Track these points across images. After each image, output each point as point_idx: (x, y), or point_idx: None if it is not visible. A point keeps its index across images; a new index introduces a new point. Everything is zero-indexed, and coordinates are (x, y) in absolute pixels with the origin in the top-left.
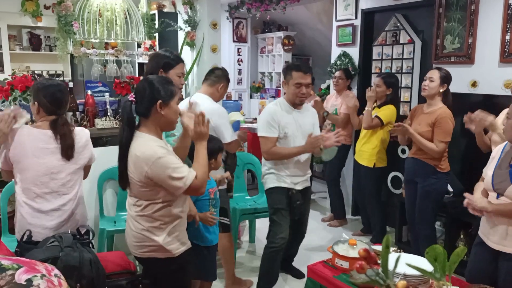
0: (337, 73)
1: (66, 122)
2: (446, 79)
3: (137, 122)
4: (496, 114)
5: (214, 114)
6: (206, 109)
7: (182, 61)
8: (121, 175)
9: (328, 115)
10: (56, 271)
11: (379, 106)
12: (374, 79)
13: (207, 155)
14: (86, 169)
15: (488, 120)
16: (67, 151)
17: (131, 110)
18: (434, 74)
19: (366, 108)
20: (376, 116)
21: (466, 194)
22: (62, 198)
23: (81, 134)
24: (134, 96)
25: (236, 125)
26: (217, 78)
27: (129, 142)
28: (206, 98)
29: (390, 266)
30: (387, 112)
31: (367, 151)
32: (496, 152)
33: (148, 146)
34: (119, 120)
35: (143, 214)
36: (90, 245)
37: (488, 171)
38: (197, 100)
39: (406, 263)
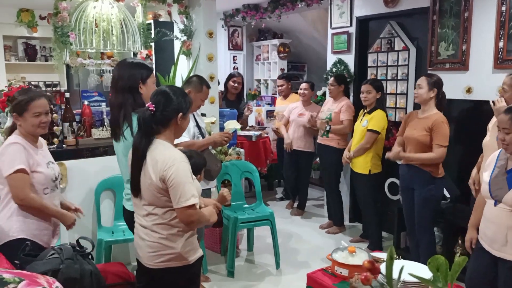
0: (330, 80)
1: None
2: (434, 84)
3: None
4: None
5: None
6: None
7: (152, 70)
8: (134, 182)
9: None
10: (57, 284)
11: (369, 112)
12: (362, 87)
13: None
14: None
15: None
16: None
17: (151, 119)
18: (422, 81)
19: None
20: (369, 130)
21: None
22: None
23: None
24: (153, 105)
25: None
26: (186, 84)
27: (147, 150)
28: None
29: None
30: (377, 120)
31: (361, 158)
32: (491, 159)
33: (170, 152)
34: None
35: (161, 222)
36: (90, 257)
37: (485, 178)
38: None
39: (406, 270)
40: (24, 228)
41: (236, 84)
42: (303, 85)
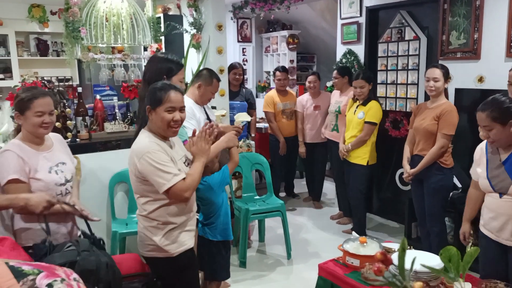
0: (333, 73)
1: None
2: (447, 74)
3: None
4: None
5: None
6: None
7: (183, 66)
8: None
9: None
10: (75, 275)
11: (364, 104)
12: (354, 83)
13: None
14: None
15: None
16: None
17: (145, 111)
18: (437, 73)
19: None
20: (367, 122)
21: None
22: None
23: None
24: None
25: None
26: (196, 77)
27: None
28: (187, 99)
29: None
30: (374, 112)
31: (360, 149)
32: (480, 153)
33: (142, 141)
34: (128, 123)
35: (142, 214)
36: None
37: (481, 174)
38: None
39: (418, 261)
40: (32, 236)
41: (237, 76)
42: (311, 78)
